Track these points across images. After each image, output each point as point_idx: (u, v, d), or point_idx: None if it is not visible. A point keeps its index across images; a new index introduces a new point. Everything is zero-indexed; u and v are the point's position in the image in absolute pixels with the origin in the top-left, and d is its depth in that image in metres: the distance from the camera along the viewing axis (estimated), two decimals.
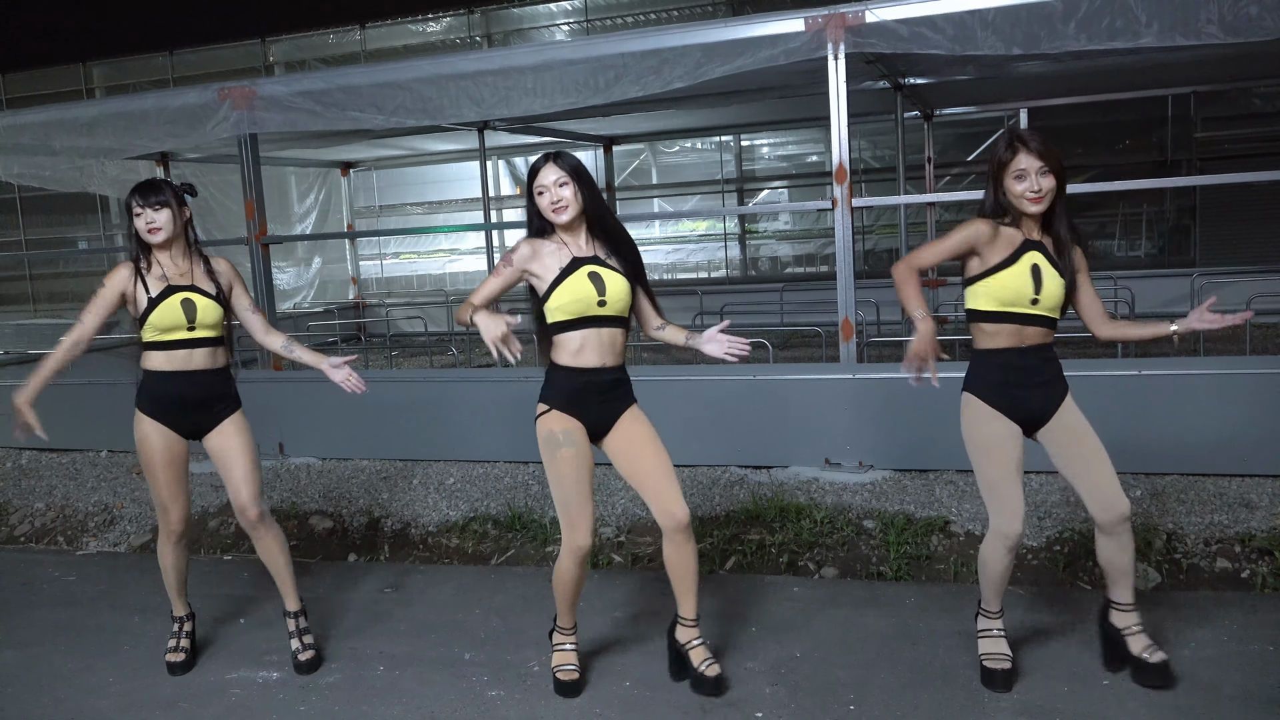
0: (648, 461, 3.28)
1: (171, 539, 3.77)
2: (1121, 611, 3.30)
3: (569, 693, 3.42)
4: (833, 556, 4.54)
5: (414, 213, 16.42)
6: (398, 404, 6.40)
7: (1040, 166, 3.08)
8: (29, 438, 3.65)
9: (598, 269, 3.23)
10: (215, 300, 3.63)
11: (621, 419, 3.32)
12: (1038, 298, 3.13)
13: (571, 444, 3.23)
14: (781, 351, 9.75)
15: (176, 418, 3.63)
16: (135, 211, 3.57)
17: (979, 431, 3.24)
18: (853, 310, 5.73)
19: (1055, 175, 3.10)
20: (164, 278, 3.60)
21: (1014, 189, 3.12)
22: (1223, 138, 12.61)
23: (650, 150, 15.43)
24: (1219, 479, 4.93)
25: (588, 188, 3.23)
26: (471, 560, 4.95)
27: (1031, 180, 3.08)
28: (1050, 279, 3.13)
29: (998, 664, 3.31)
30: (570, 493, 3.23)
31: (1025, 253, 3.14)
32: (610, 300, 3.22)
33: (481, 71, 6.34)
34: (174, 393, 3.61)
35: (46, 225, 18.21)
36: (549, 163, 3.21)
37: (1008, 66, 7.43)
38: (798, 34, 5.51)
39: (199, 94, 6.85)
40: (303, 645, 3.78)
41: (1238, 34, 4.86)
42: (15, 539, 5.77)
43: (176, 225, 3.60)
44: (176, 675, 3.78)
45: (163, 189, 3.59)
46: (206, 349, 3.63)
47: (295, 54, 17.27)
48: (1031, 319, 3.17)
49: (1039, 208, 3.12)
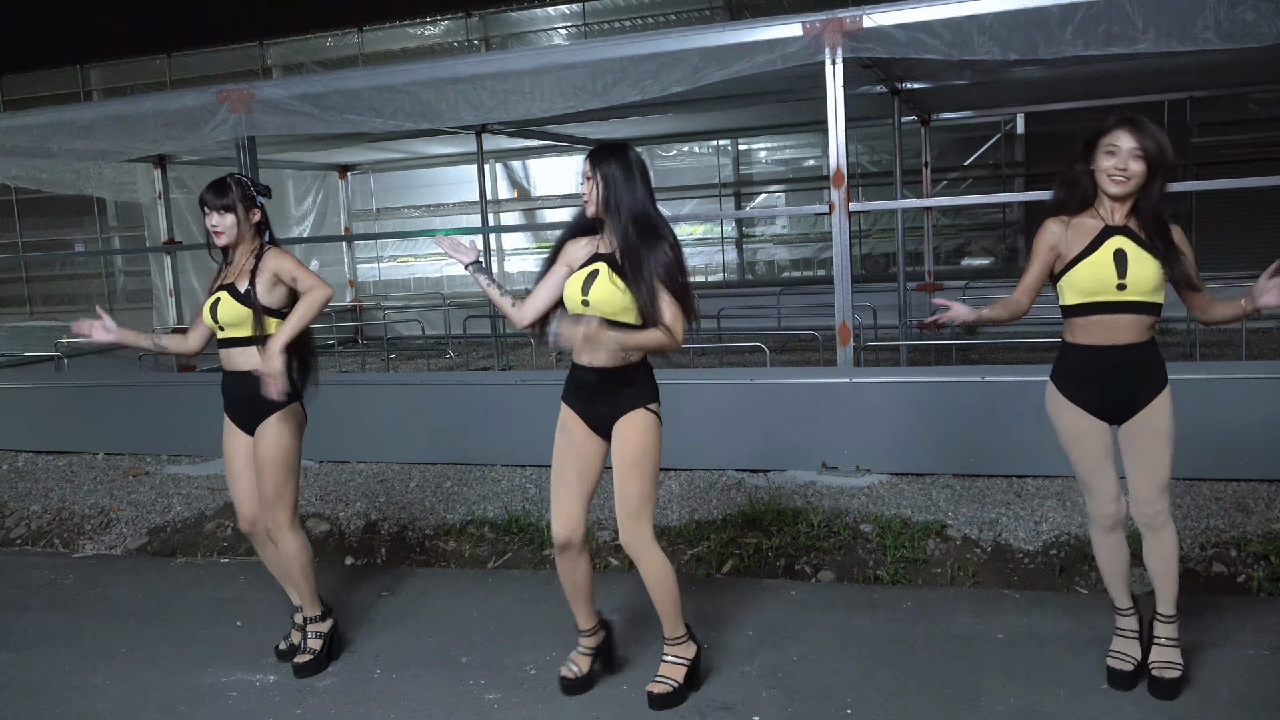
0: (616, 486, 3.25)
1: (252, 537, 3.82)
2: (1158, 621, 3.24)
3: (564, 690, 3.43)
4: (829, 560, 4.55)
5: (411, 216, 16.44)
6: (395, 407, 6.40)
7: (1134, 148, 2.98)
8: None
9: (600, 268, 3.18)
10: (240, 299, 3.53)
11: (620, 425, 3.23)
12: (1124, 282, 3.02)
13: (564, 432, 3.29)
14: (778, 355, 9.77)
15: (233, 413, 3.70)
16: (205, 212, 3.59)
17: (1061, 422, 3.22)
18: (850, 314, 5.74)
19: (1149, 164, 3.00)
20: (223, 276, 3.65)
21: (1102, 163, 3.03)
22: (1219, 143, 12.66)
23: (648, 154, 15.45)
24: (1215, 483, 4.94)
25: (613, 189, 3.11)
26: (469, 563, 4.94)
27: (1121, 158, 3.00)
28: (1139, 263, 3.02)
29: (1119, 663, 3.25)
30: (556, 477, 3.30)
31: (1107, 239, 3.05)
32: (595, 301, 3.14)
33: (479, 75, 6.36)
34: (225, 390, 3.69)
35: (44, 228, 18.20)
36: (588, 158, 3.19)
37: (1005, 71, 7.47)
38: (795, 38, 5.53)
39: (197, 97, 6.86)
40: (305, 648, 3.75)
41: (1234, 40, 4.88)
42: (11, 541, 5.76)
43: (243, 228, 3.59)
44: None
45: (228, 191, 3.55)
46: (237, 349, 3.59)
47: (293, 57, 17.29)
48: (1121, 306, 3.05)
49: (1119, 190, 3.02)
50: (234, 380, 3.64)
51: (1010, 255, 14.36)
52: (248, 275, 3.59)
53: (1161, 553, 3.17)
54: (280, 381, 3.45)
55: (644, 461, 3.21)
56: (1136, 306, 3.06)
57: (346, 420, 6.43)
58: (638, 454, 3.20)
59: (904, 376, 5.61)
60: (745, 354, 9.52)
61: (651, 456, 3.23)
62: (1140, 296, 3.04)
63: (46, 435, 7.35)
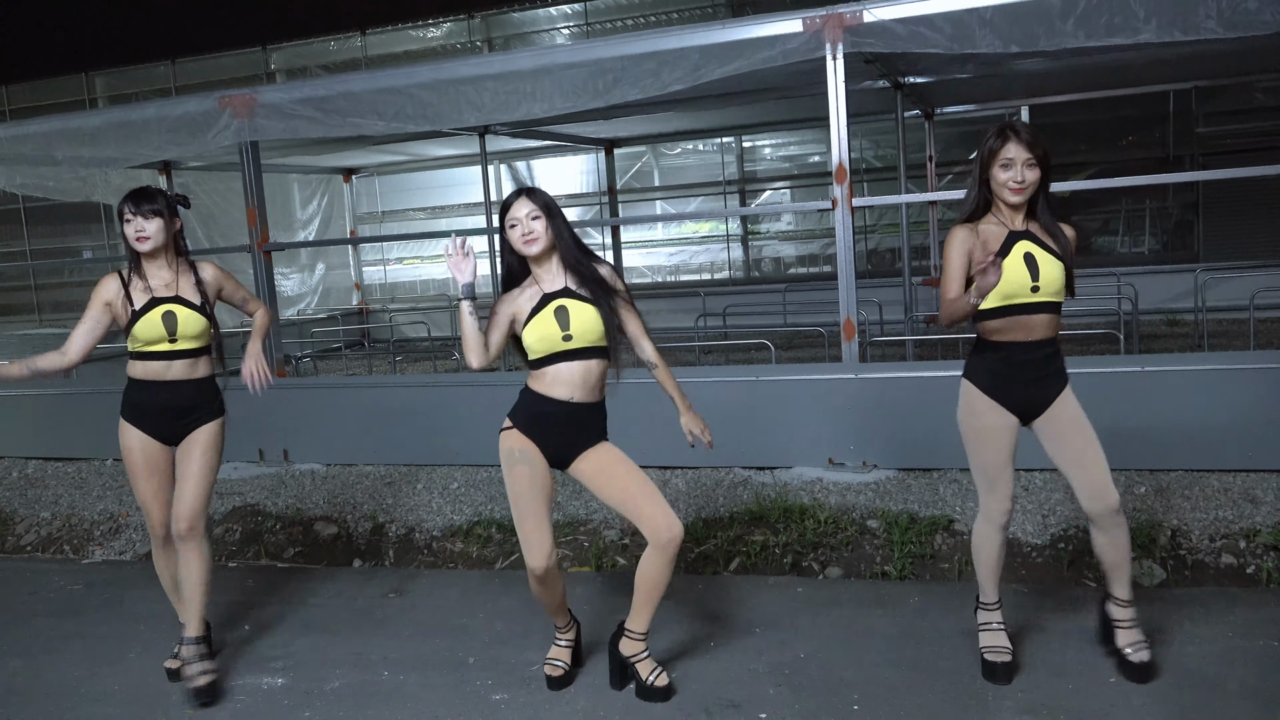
0: (621, 481, 3.26)
1: (157, 543, 3.79)
2: (1117, 605, 3.33)
3: (550, 686, 3.49)
4: (836, 557, 4.54)
5: (416, 218, 16.44)
6: (402, 409, 6.41)
7: (1028, 158, 3.11)
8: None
9: (566, 301, 3.24)
10: (199, 311, 3.62)
11: (587, 452, 3.31)
12: (1037, 284, 3.14)
13: (526, 463, 3.26)
14: (784, 352, 9.76)
15: (155, 425, 3.66)
16: (126, 218, 3.57)
17: (975, 421, 3.29)
18: (854, 310, 5.72)
19: (1041, 169, 3.14)
20: (148, 289, 3.60)
21: (999, 177, 3.16)
22: (1225, 133, 12.59)
23: (652, 153, 15.43)
24: (1224, 474, 4.92)
25: (558, 223, 3.26)
26: (476, 564, 4.95)
27: (1017, 170, 3.12)
28: (1047, 264, 3.16)
29: (998, 657, 3.33)
30: (525, 510, 3.26)
31: (1015, 243, 3.18)
32: (577, 333, 3.21)
33: (482, 76, 6.34)
34: (151, 401, 3.63)
35: (51, 235, 18.25)
36: (520, 197, 3.25)
37: (1007, 64, 7.42)
38: (796, 34, 5.51)
39: (200, 102, 6.86)
40: (201, 671, 3.60)
41: (1236, 29, 4.85)
42: (21, 548, 5.79)
43: (166, 235, 3.60)
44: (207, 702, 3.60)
45: (156, 197, 3.59)
46: (186, 360, 3.64)
47: (296, 61, 17.31)
48: (1035, 307, 3.17)
49: (1019, 198, 3.16)
50: (169, 390, 3.62)
51: None
52: (193, 288, 3.63)
53: (1120, 541, 3.25)
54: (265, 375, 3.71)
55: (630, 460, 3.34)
56: (1048, 306, 3.20)
57: (353, 423, 6.44)
58: (621, 455, 3.33)
59: (910, 371, 5.60)
60: (750, 351, 9.51)
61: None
62: (1051, 296, 3.19)
63: (56, 442, 7.38)
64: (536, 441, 3.27)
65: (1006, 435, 3.27)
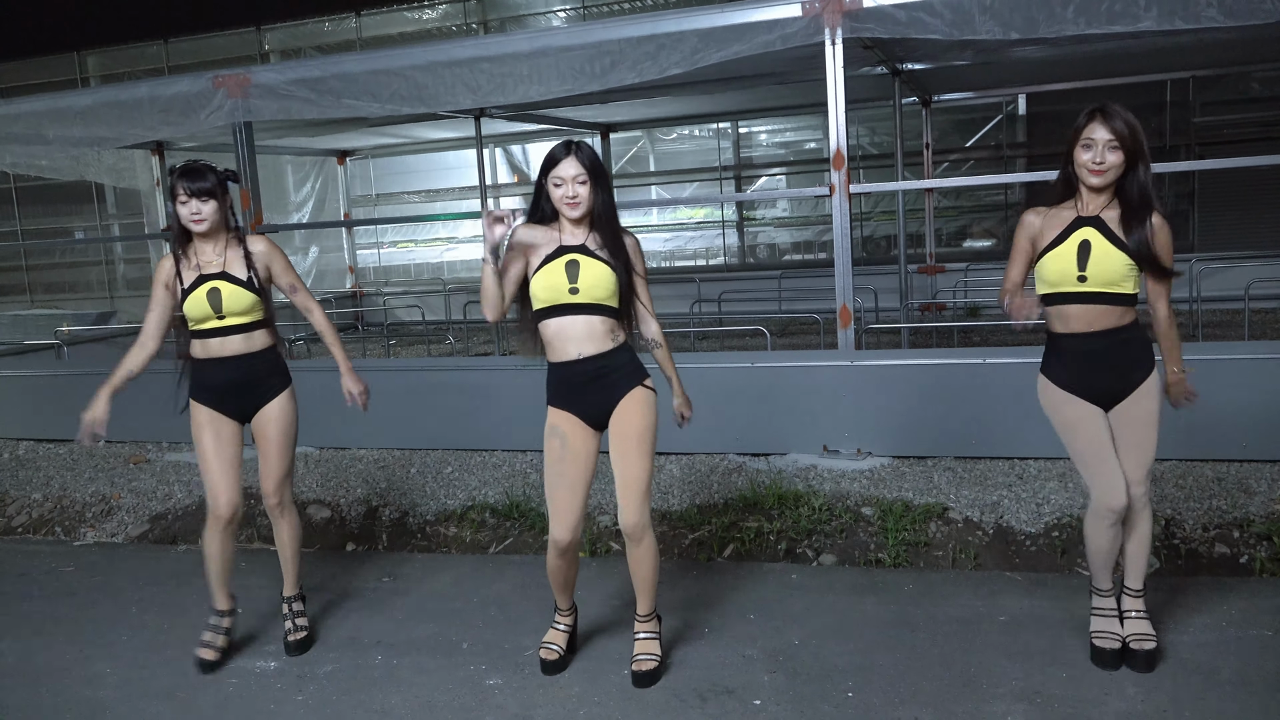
0: (620, 461, 3.24)
1: (218, 525, 3.66)
2: (1128, 595, 3.33)
3: (545, 670, 3.47)
4: (831, 543, 4.54)
5: (411, 201, 16.39)
6: (395, 393, 6.38)
7: (1109, 140, 3.02)
8: (91, 442, 3.69)
9: (579, 257, 3.18)
10: (246, 286, 3.54)
11: (620, 406, 3.24)
12: (1084, 274, 3.06)
13: (557, 436, 3.26)
14: (779, 339, 9.75)
15: (222, 401, 3.63)
16: (181, 199, 3.47)
17: (1057, 414, 3.24)
18: (850, 297, 5.71)
19: (1127, 154, 3.03)
20: (197, 267, 3.54)
21: (1079, 157, 3.08)
22: (1221, 123, 12.59)
23: (648, 137, 15.39)
24: (1217, 464, 4.93)
25: (603, 188, 3.19)
26: (469, 549, 4.94)
27: (1097, 151, 3.03)
28: (1102, 254, 3.06)
29: (1107, 643, 3.29)
30: (554, 482, 3.27)
31: (1075, 230, 3.10)
32: (584, 288, 3.16)
33: (477, 58, 6.30)
34: (213, 379, 3.61)
35: (43, 216, 18.16)
36: (570, 155, 3.14)
37: (1006, 51, 7.40)
38: (795, 19, 5.48)
39: (193, 82, 6.81)
40: (295, 626, 3.83)
41: (1238, 17, 4.83)
42: (13, 530, 5.76)
43: (221, 214, 3.54)
44: (206, 673, 3.65)
45: (208, 175, 3.48)
46: (240, 335, 3.59)
47: (290, 42, 17.20)
48: (1082, 297, 3.09)
49: (1098, 180, 3.06)
50: (229, 366, 3.60)
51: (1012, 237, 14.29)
52: (241, 262, 3.57)
53: (1140, 531, 3.24)
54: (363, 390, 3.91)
55: (648, 438, 3.25)
56: (1097, 297, 3.10)
57: (347, 406, 6.40)
58: (643, 430, 3.23)
59: (905, 359, 5.59)
60: (746, 337, 9.50)
61: (653, 434, 3.27)
62: (1100, 288, 3.09)
63: (47, 423, 7.34)
64: (571, 410, 3.24)
65: (1091, 424, 3.16)
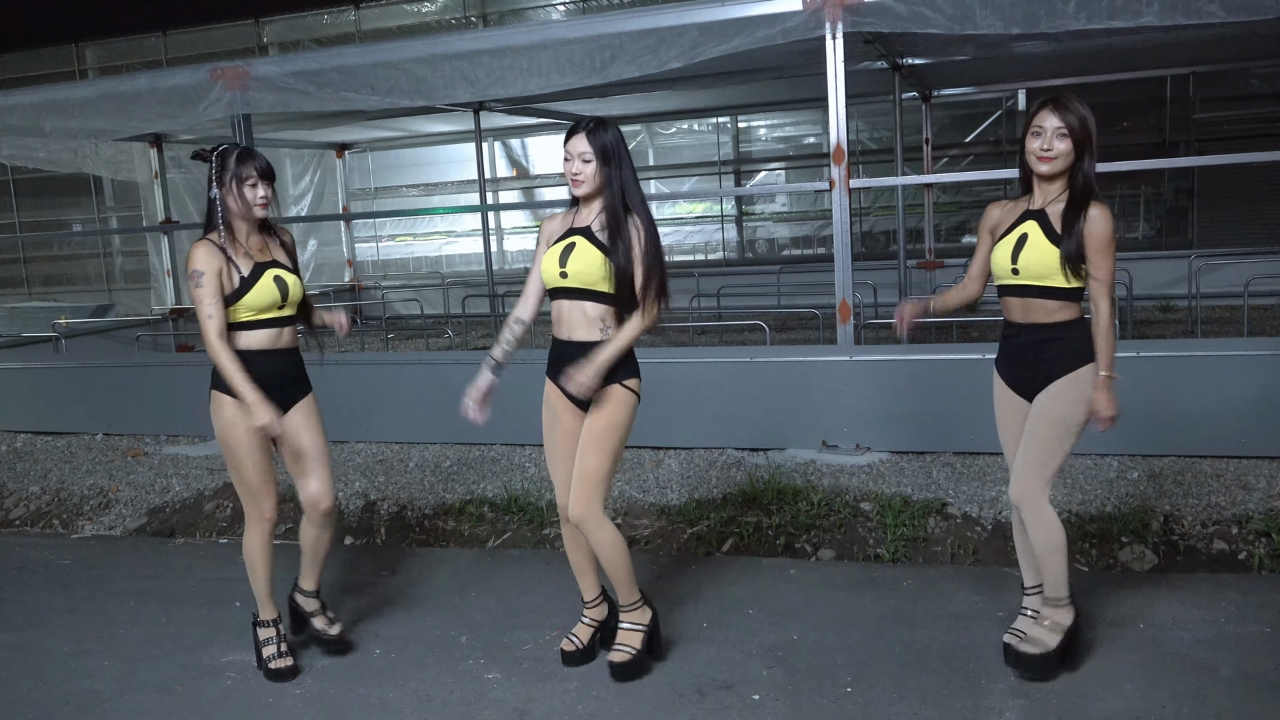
0: (577, 457, 3.22)
1: (266, 529, 3.50)
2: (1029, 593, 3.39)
3: (564, 661, 3.46)
4: (830, 539, 4.54)
5: (410, 195, 16.37)
6: (393, 387, 6.38)
7: (1058, 127, 3.00)
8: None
9: (578, 240, 3.15)
10: (297, 275, 3.50)
11: (595, 400, 3.19)
12: (1016, 267, 3.09)
13: (547, 409, 3.34)
14: (779, 334, 9.74)
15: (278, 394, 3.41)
16: (250, 182, 3.32)
17: (994, 394, 3.33)
18: (850, 292, 5.71)
19: (1076, 144, 3.01)
20: (248, 255, 3.38)
21: (1029, 145, 3.07)
22: (1221, 119, 12.58)
23: (647, 131, 15.36)
24: (1216, 460, 4.93)
25: (614, 168, 3.09)
26: (468, 543, 4.94)
27: (1045, 138, 3.02)
28: (1033, 248, 3.05)
29: (1007, 637, 3.34)
30: (548, 453, 3.37)
31: (1021, 223, 3.13)
32: (573, 272, 3.12)
33: (476, 51, 6.29)
34: (261, 373, 3.34)
35: (41, 208, 18.12)
36: (580, 134, 3.09)
37: (1007, 46, 7.40)
38: (795, 13, 5.46)
39: (192, 74, 6.80)
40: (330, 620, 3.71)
41: (1239, 13, 4.83)
42: (10, 522, 5.75)
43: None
44: (285, 681, 3.51)
45: (262, 158, 3.40)
46: (291, 326, 3.51)
47: (289, 34, 17.15)
48: (1016, 290, 3.13)
49: (1046, 168, 3.05)
50: (280, 359, 3.45)
51: None
52: (282, 251, 3.50)
53: (1033, 535, 3.19)
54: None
55: (608, 438, 3.20)
56: (1027, 290, 3.11)
57: (345, 400, 6.41)
58: (604, 429, 3.20)
59: (904, 354, 5.59)
60: (745, 332, 9.49)
61: (618, 435, 3.21)
62: (1030, 280, 3.09)
63: (45, 416, 7.34)
64: (559, 386, 3.23)
65: (1004, 412, 3.27)
